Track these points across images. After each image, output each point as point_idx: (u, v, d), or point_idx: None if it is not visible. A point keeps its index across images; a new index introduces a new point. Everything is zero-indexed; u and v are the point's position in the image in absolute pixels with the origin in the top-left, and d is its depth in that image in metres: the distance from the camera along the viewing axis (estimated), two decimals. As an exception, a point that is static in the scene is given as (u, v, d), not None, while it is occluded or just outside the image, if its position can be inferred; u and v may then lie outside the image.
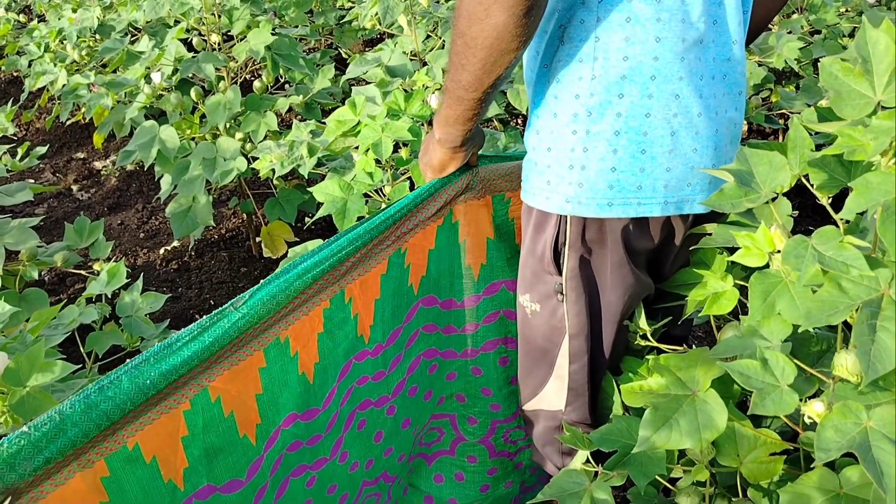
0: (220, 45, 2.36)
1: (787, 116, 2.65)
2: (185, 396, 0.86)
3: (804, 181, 0.87)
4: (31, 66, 3.43)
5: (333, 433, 1.12)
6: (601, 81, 0.97)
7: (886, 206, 0.73)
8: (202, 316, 0.99)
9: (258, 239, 2.71)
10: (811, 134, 0.87)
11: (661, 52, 0.96)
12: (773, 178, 0.86)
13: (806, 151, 0.85)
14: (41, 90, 3.47)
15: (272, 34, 2.25)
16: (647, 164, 0.99)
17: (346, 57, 3.36)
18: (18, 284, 1.84)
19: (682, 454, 1.04)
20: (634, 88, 0.97)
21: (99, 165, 3.63)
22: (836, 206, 0.81)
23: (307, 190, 2.33)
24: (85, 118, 3.36)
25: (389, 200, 1.52)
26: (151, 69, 2.31)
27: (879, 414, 0.77)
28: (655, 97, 0.97)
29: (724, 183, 0.89)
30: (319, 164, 1.79)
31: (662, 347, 1.10)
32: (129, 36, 2.71)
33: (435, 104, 1.58)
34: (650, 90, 0.97)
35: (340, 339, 1.08)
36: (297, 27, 2.82)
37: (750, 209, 0.91)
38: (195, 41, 2.36)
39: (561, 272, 1.08)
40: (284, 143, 1.90)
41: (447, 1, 2.53)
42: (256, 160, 2.00)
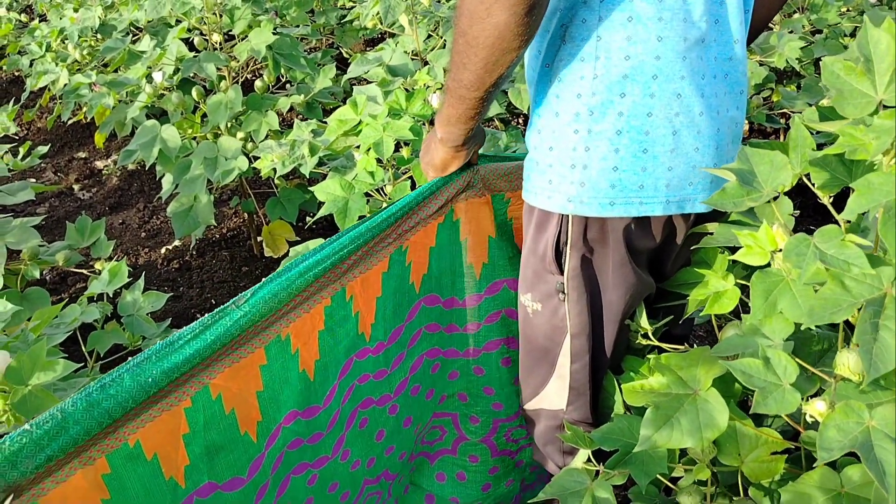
0: (221, 44, 2.36)
1: (788, 116, 2.65)
2: (186, 394, 0.87)
3: (805, 180, 0.87)
4: (32, 65, 3.44)
5: (335, 431, 1.12)
6: (603, 80, 0.97)
7: (888, 206, 0.73)
8: (203, 315, 1.00)
9: (259, 238, 2.71)
10: (812, 133, 0.87)
11: (662, 51, 0.96)
12: (774, 177, 0.86)
13: (807, 151, 0.85)
14: (43, 90, 3.49)
15: (273, 34, 2.25)
16: (648, 163, 0.99)
17: (347, 56, 3.36)
18: (20, 283, 1.85)
19: (683, 453, 1.04)
20: (636, 87, 0.97)
21: (100, 165, 3.63)
22: (837, 205, 0.81)
23: (308, 189, 2.32)
24: (86, 118, 3.37)
25: (391, 200, 1.52)
26: (153, 69, 2.31)
27: (881, 413, 0.77)
28: (657, 96, 0.97)
29: (725, 182, 0.89)
30: (321, 163, 1.79)
31: (664, 346, 1.10)
32: (130, 35, 2.72)
33: (436, 103, 1.58)
34: (652, 89, 0.97)
35: (341, 336, 1.08)
36: (298, 27, 2.82)
37: (751, 208, 0.91)
38: (196, 41, 2.36)
39: (562, 271, 1.08)
40: (286, 142, 1.90)
41: (448, 0, 2.53)
42: (258, 159, 2.01)
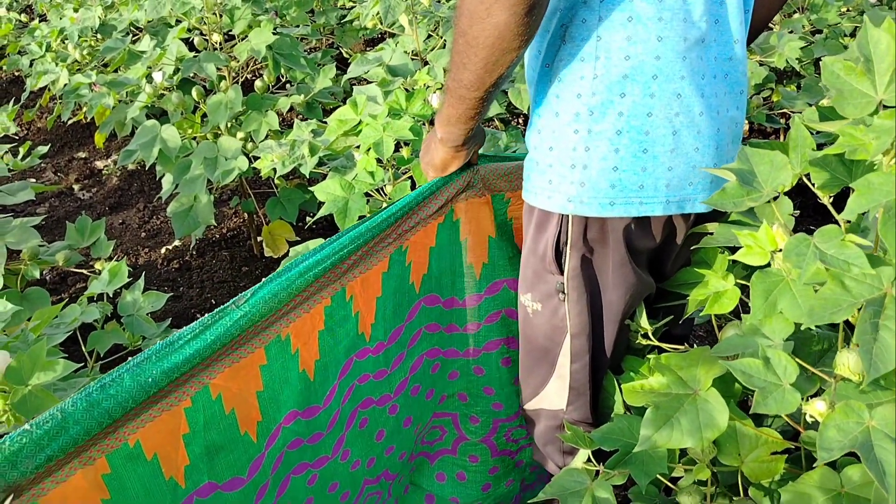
0: (221, 44, 2.36)
1: (788, 116, 2.65)
2: (186, 394, 0.87)
3: (805, 180, 0.87)
4: (32, 65, 3.44)
5: (335, 431, 1.12)
6: (603, 80, 0.97)
7: (888, 206, 0.73)
8: (203, 315, 1.00)
9: (259, 238, 2.71)
10: (812, 133, 0.87)
11: (662, 51, 0.96)
12: (774, 177, 0.86)
13: (807, 151, 0.85)
14: (42, 90, 3.48)
15: (273, 34, 2.25)
16: (648, 163, 0.99)
17: (347, 56, 3.36)
18: (20, 283, 1.85)
19: (683, 453, 1.04)
20: (636, 87, 0.97)
21: (100, 165, 3.63)
22: (837, 205, 0.81)
23: (308, 189, 2.33)
24: (86, 118, 3.37)
25: (391, 200, 1.52)
26: (153, 68, 2.31)
27: (881, 413, 0.77)
28: (657, 96, 0.97)
29: (725, 182, 0.89)
30: (321, 163, 1.79)
31: (664, 346, 1.10)
32: (130, 35, 2.72)
33: (436, 103, 1.58)
34: (652, 89, 0.97)
35: (341, 336, 1.08)
36: (298, 27, 2.82)
37: (751, 208, 0.90)
38: (196, 41, 2.36)
39: (562, 271, 1.08)
40: (286, 142, 1.90)
41: (448, 0, 2.53)
42: (258, 159, 2.01)
